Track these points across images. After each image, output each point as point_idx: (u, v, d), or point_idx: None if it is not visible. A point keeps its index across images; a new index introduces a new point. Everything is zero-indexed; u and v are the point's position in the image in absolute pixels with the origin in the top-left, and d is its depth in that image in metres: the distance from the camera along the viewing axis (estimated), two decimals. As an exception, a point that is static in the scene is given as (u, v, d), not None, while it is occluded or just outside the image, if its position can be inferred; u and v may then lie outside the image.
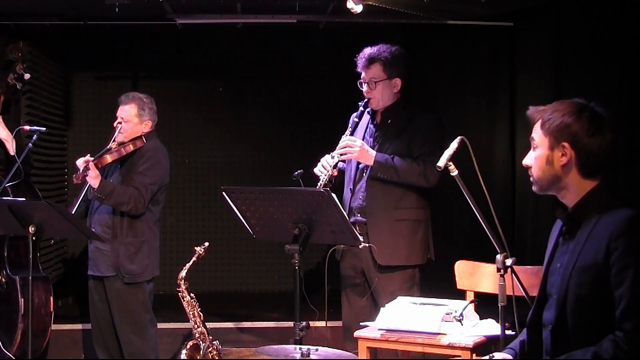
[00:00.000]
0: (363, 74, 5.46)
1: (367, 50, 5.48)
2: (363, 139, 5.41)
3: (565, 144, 3.30)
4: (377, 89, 5.43)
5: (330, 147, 5.55)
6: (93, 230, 5.89)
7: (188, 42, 8.19)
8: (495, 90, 8.11)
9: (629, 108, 5.75)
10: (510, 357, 3.47)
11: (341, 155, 5.29)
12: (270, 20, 7.30)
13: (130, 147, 5.93)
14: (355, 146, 5.27)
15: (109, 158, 5.84)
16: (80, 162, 5.68)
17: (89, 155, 5.70)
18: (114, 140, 5.93)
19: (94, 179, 5.64)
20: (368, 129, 5.51)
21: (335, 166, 5.28)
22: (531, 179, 3.47)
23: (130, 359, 5.89)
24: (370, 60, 5.43)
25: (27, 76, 6.73)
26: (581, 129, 3.30)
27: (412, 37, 7.82)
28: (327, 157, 5.35)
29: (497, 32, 7.74)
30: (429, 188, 5.34)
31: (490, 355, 3.53)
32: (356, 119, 5.42)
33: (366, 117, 5.54)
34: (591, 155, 3.31)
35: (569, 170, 3.34)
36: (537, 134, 3.40)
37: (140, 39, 8.26)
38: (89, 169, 5.63)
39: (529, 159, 3.46)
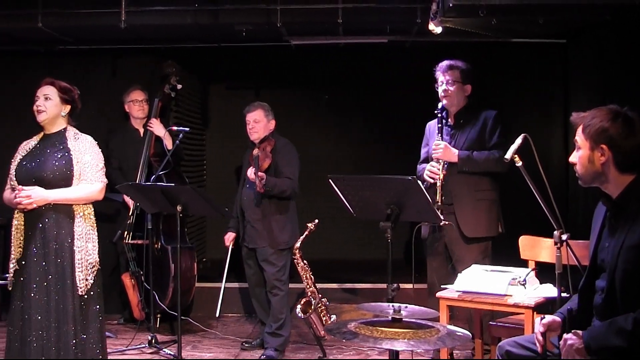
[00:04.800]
0: (442, 77, 5.48)
1: (448, 60, 5.54)
2: (441, 136, 5.41)
3: (604, 146, 3.26)
4: (453, 89, 5.45)
5: (411, 148, 5.58)
6: (244, 211, 6.06)
7: (300, 59, 8.21)
8: (551, 97, 7.98)
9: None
10: (559, 319, 3.42)
11: (434, 157, 5.36)
12: (365, 40, 7.28)
13: (269, 148, 6.00)
14: (439, 148, 5.34)
15: (265, 165, 5.92)
16: (252, 176, 5.77)
17: (253, 168, 5.76)
18: (257, 146, 5.99)
19: (263, 180, 5.75)
20: (445, 130, 5.49)
21: (443, 167, 5.35)
22: (576, 174, 3.43)
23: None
24: (450, 67, 5.50)
25: (179, 86, 6.88)
26: (616, 132, 3.25)
27: (481, 53, 7.72)
28: (431, 163, 5.42)
29: (552, 48, 7.60)
30: (502, 173, 5.31)
31: (542, 316, 3.49)
32: (439, 125, 5.46)
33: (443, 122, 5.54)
34: (626, 155, 3.26)
35: (608, 167, 3.28)
36: (580, 137, 3.36)
37: (261, 57, 8.31)
38: (263, 178, 5.73)
39: (574, 157, 3.42)
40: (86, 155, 4.58)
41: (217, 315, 6.91)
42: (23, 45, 7.41)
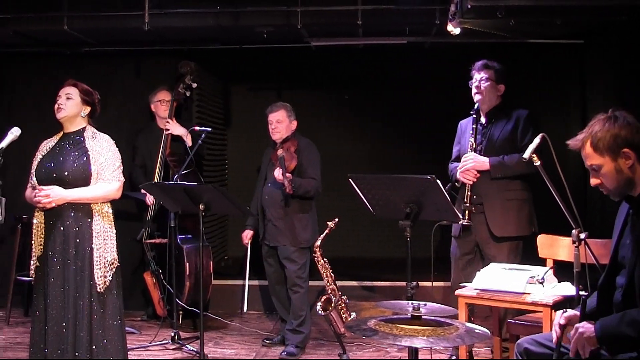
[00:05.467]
0: (477, 75, 5.48)
1: (483, 60, 5.52)
2: (474, 138, 5.41)
3: (625, 150, 3.18)
4: (486, 87, 5.44)
5: (431, 147, 5.58)
6: (265, 210, 6.09)
7: (320, 60, 8.22)
8: (568, 97, 7.95)
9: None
10: (579, 314, 3.40)
11: (465, 168, 5.34)
12: (385, 41, 7.27)
13: (293, 149, 6.02)
14: (469, 160, 5.33)
15: (292, 166, 5.94)
16: (280, 178, 5.78)
17: (279, 170, 5.78)
18: (279, 146, 6.01)
19: (291, 181, 5.77)
20: (478, 130, 5.48)
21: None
22: (605, 192, 3.32)
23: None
24: (485, 66, 5.49)
25: (194, 85, 6.90)
26: (627, 132, 3.19)
27: (499, 54, 7.68)
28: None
29: (569, 49, 7.56)
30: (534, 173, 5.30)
31: (564, 309, 3.48)
32: (473, 126, 5.45)
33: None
34: None
35: (634, 168, 3.22)
36: (594, 158, 3.25)
37: (282, 58, 8.33)
38: (291, 179, 5.75)
39: (595, 180, 3.30)
40: (103, 155, 4.62)
41: (245, 310, 6.91)
42: (49, 48, 7.48)
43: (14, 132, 4.52)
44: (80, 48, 7.52)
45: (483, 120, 5.51)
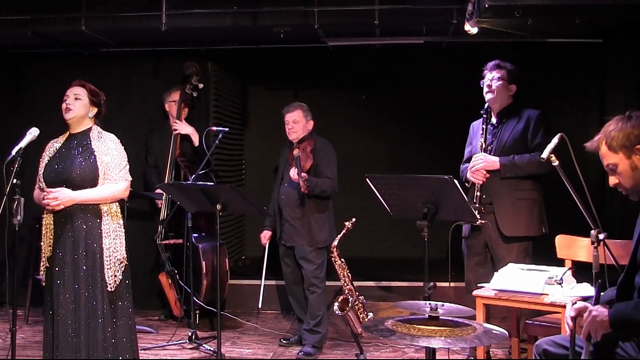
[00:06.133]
0: (489, 75, 5.45)
1: (495, 60, 5.49)
2: (485, 139, 5.37)
3: (639, 146, 3.19)
4: (498, 87, 5.40)
5: (448, 147, 5.56)
6: (282, 210, 6.10)
7: (337, 60, 8.22)
8: (587, 97, 7.89)
9: None
10: (590, 305, 3.36)
11: (475, 168, 5.31)
12: (402, 41, 7.25)
13: (309, 149, 6.02)
14: (479, 160, 5.29)
15: (307, 166, 5.94)
16: (295, 177, 5.79)
17: (295, 169, 5.78)
18: (296, 146, 6.01)
19: (306, 180, 5.77)
20: (489, 130, 5.44)
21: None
22: (624, 192, 3.32)
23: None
24: (497, 66, 5.46)
25: (200, 85, 6.91)
26: None
27: (517, 53, 7.66)
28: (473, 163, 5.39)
29: (588, 48, 7.51)
30: (546, 174, 5.26)
31: (574, 300, 3.45)
32: (483, 126, 5.43)
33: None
34: None
35: None
36: (609, 157, 3.27)
37: (299, 58, 8.32)
38: (307, 178, 5.75)
39: (613, 180, 3.31)
40: (109, 155, 4.62)
41: (260, 307, 6.89)
42: (67, 48, 7.52)
43: (33, 133, 4.55)
44: (98, 49, 7.56)
45: (494, 120, 5.48)
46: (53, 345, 4.46)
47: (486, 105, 5.45)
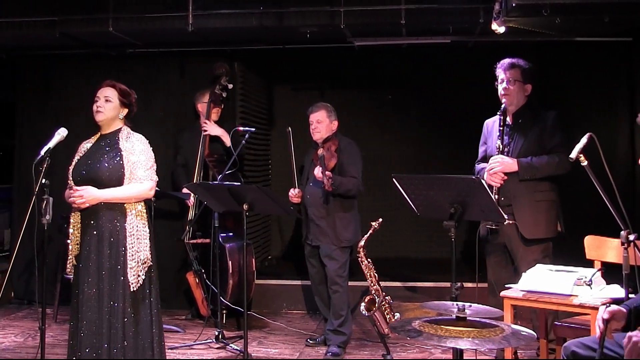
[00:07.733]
0: (502, 75, 5.39)
1: (509, 59, 5.43)
2: (501, 139, 5.32)
3: None
4: (513, 87, 5.35)
5: (474, 146, 5.55)
6: (308, 209, 6.10)
7: (363, 60, 8.20)
8: (616, 96, 7.81)
9: None
10: (625, 310, 3.33)
11: (493, 171, 5.24)
12: (429, 41, 7.21)
13: (333, 148, 6.02)
14: (496, 163, 5.23)
15: (331, 164, 5.94)
16: (319, 175, 5.78)
17: (319, 168, 5.78)
18: (320, 146, 6.00)
19: (330, 179, 5.76)
20: (505, 130, 5.39)
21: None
22: None
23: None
24: (512, 65, 5.39)
25: (230, 86, 6.94)
26: None
27: (545, 52, 7.62)
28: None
29: (617, 46, 7.43)
30: (563, 174, 5.21)
31: (607, 304, 3.41)
32: (500, 127, 5.35)
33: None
34: None
35: None
36: None
37: (326, 58, 8.32)
38: (331, 177, 5.74)
39: None
40: (135, 155, 4.64)
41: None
42: (95, 49, 7.58)
43: (61, 133, 4.60)
44: (125, 49, 7.62)
45: (510, 121, 5.43)
46: (76, 342, 4.50)
47: (503, 106, 5.39)
